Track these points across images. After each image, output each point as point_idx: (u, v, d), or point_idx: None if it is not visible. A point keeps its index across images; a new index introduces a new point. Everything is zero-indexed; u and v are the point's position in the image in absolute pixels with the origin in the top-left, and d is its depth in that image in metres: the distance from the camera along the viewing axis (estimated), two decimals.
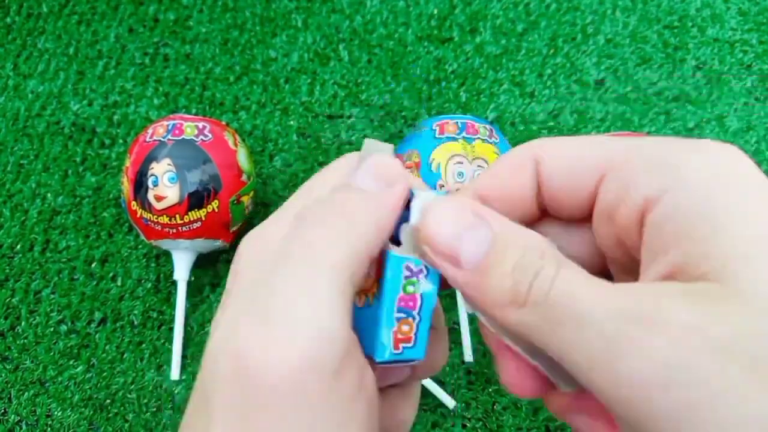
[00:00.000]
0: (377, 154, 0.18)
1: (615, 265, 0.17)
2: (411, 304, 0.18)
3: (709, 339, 0.12)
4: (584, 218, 0.17)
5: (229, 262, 0.43)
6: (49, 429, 0.38)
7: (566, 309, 0.14)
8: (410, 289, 0.18)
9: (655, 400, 0.12)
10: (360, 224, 0.16)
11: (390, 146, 0.19)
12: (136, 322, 0.41)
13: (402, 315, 0.18)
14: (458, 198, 0.17)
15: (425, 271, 0.18)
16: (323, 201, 0.17)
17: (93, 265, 0.43)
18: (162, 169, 0.37)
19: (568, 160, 0.16)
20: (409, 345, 0.18)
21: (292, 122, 0.48)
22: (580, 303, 0.14)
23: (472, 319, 0.39)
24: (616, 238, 0.16)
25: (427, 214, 0.17)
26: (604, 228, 0.16)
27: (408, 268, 0.18)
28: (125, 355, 0.40)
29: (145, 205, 0.37)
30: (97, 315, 0.42)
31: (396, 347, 0.18)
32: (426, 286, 0.18)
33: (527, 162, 0.17)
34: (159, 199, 0.37)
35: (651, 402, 0.12)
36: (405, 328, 0.18)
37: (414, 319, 0.18)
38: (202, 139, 0.38)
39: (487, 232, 0.16)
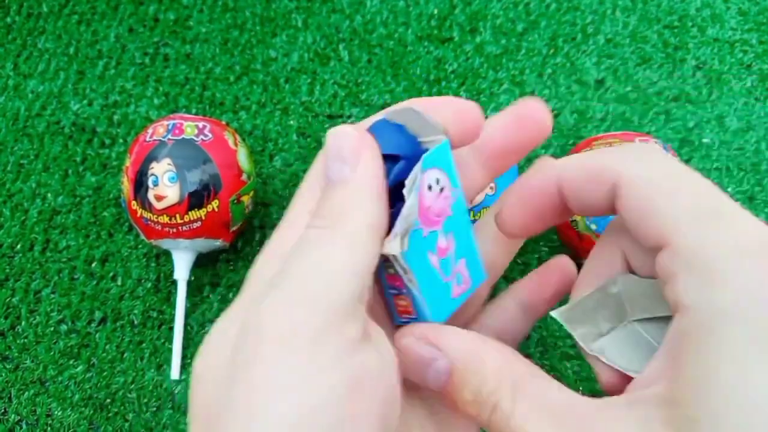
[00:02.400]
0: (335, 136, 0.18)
1: None
2: (397, 283, 0.18)
3: None
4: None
5: (229, 261, 0.43)
6: (49, 428, 0.38)
7: None
8: (390, 270, 0.18)
9: None
10: (355, 213, 0.17)
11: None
12: (136, 322, 0.41)
13: (394, 291, 0.19)
14: (412, 331, 0.18)
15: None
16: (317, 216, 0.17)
17: (93, 264, 0.43)
18: (162, 169, 0.37)
19: (641, 207, 0.16)
20: (413, 316, 0.19)
21: (292, 122, 0.48)
22: None
23: None
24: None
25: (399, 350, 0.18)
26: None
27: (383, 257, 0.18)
28: (125, 355, 0.40)
29: (145, 205, 0.37)
30: (97, 314, 0.42)
31: (400, 316, 0.19)
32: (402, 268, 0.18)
33: (551, 188, 0.18)
34: (159, 198, 0.37)
35: None
36: (402, 302, 0.19)
37: (406, 294, 0.18)
38: (202, 139, 0.38)
39: (445, 362, 0.17)
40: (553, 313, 0.20)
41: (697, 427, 0.13)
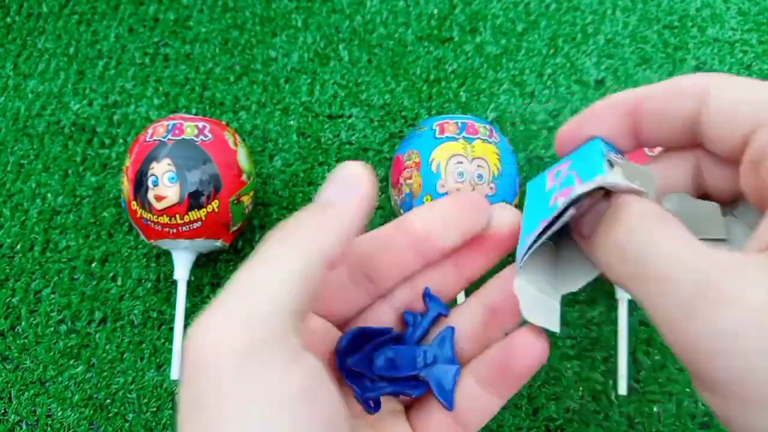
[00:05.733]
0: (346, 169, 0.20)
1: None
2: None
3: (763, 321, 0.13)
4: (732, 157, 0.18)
5: (229, 261, 0.43)
6: (49, 429, 0.38)
7: (654, 265, 0.15)
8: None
9: (712, 364, 0.14)
10: (318, 233, 0.17)
11: None
12: (136, 322, 0.41)
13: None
14: None
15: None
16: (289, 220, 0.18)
17: (93, 264, 0.43)
18: (162, 169, 0.37)
19: (732, 101, 0.17)
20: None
21: (292, 122, 0.48)
22: (667, 260, 0.15)
23: None
24: (758, 188, 0.17)
25: None
26: (749, 176, 0.17)
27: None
28: (125, 355, 0.40)
29: (145, 205, 0.37)
30: (97, 315, 0.42)
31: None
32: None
33: (691, 93, 0.18)
34: (159, 199, 0.37)
35: (710, 365, 0.14)
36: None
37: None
38: (202, 139, 0.38)
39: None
40: None
41: None
